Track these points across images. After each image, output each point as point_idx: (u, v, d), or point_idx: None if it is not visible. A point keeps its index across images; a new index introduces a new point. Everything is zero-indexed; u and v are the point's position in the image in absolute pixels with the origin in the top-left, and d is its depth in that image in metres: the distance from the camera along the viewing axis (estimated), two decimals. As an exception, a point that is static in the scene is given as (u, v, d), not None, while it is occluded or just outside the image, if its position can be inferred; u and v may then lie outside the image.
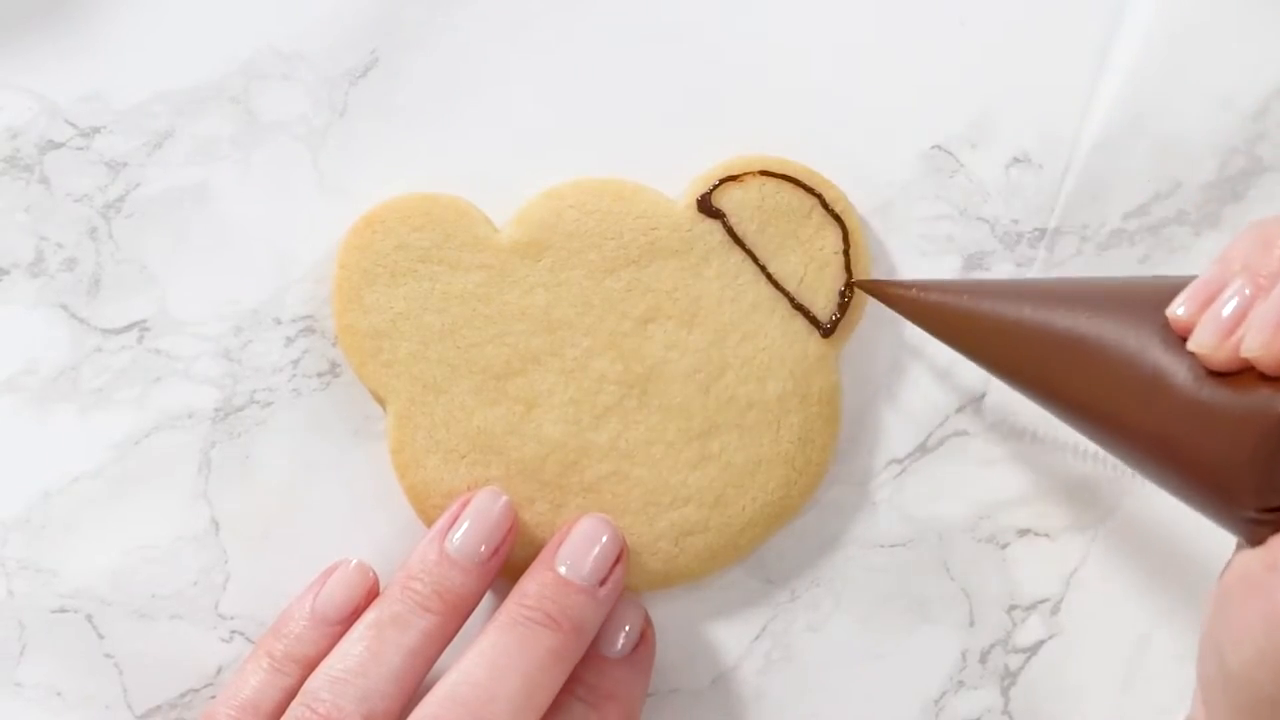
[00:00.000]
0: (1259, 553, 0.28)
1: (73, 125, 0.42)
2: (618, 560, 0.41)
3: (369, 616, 0.39)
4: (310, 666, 0.39)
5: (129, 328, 0.42)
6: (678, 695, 0.43)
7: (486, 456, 0.42)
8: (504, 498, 0.41)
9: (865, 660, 0.43)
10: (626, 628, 0.41)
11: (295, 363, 0.42)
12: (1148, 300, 0.32)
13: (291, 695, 0.39)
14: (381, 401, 0.42)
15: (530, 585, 0.40)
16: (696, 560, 0.42)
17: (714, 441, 0.42)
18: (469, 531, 0.40)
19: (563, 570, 0.40)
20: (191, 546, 0.42)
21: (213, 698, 0.42)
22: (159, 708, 0.42)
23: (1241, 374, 0.29)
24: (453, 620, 0.40)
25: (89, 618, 0.42)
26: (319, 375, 0.42)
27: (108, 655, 0.42)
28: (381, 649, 0.39)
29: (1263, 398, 0.28)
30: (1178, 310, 0.30)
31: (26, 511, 0.42)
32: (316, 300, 0.42)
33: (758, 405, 0.42)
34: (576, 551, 0.40)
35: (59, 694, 0.42)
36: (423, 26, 0.43)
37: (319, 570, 0.42)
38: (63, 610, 0.42)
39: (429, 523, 0.42)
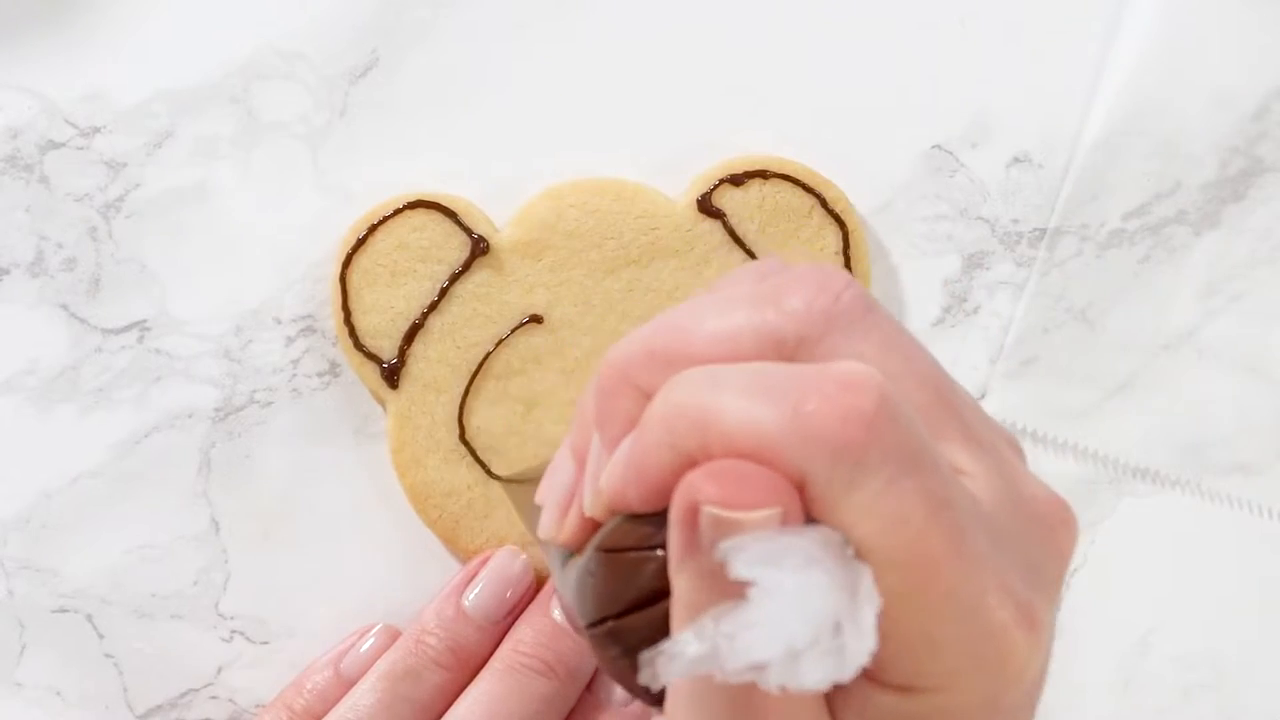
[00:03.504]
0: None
1: (73, 125, 0.42)
2: None
3: (381, 667, 0.40)
4: None
5: (129, 328, 0.42)
6: (678, 695, 0.43)
7: (486, 456, 0.42)
8: (523, 556, 0.41)
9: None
10: None
11: (295, 362, 0.42)
12: None
13: None
14: (381, 401, 0.42)
15: (526, 632, 0.40)
16: (696, 560, 0.42)
17: (714, 441, 0.42)
18: (487, 591, 0.40)
19: (558, 616, 0.40)
20: (191, 546, 0.42)
21: (213, 698, 0.42)
22: (159, 707, 0.42)
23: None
24: (463, 676, 0.40)
25: (89, 617, 0.42)
26: (319, 375, 0.42)
27: (108, 655, 0.42)
28: (393, 701, 0.39)
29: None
30: (538, 501, 0.30)
31: (26, 511, 0.42)
32: (316, 300, 0.42)
33: (758, 405, 0.42)
34: None
35: (59, 694, 0.42)
36: (423, 26, 0.43)
37: (319, 571, 0.42)
38: (63, 610, 0.42)
39: (429, 522, 0.42)
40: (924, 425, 0.25)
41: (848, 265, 0.42)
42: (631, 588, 0.26)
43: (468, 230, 0.42)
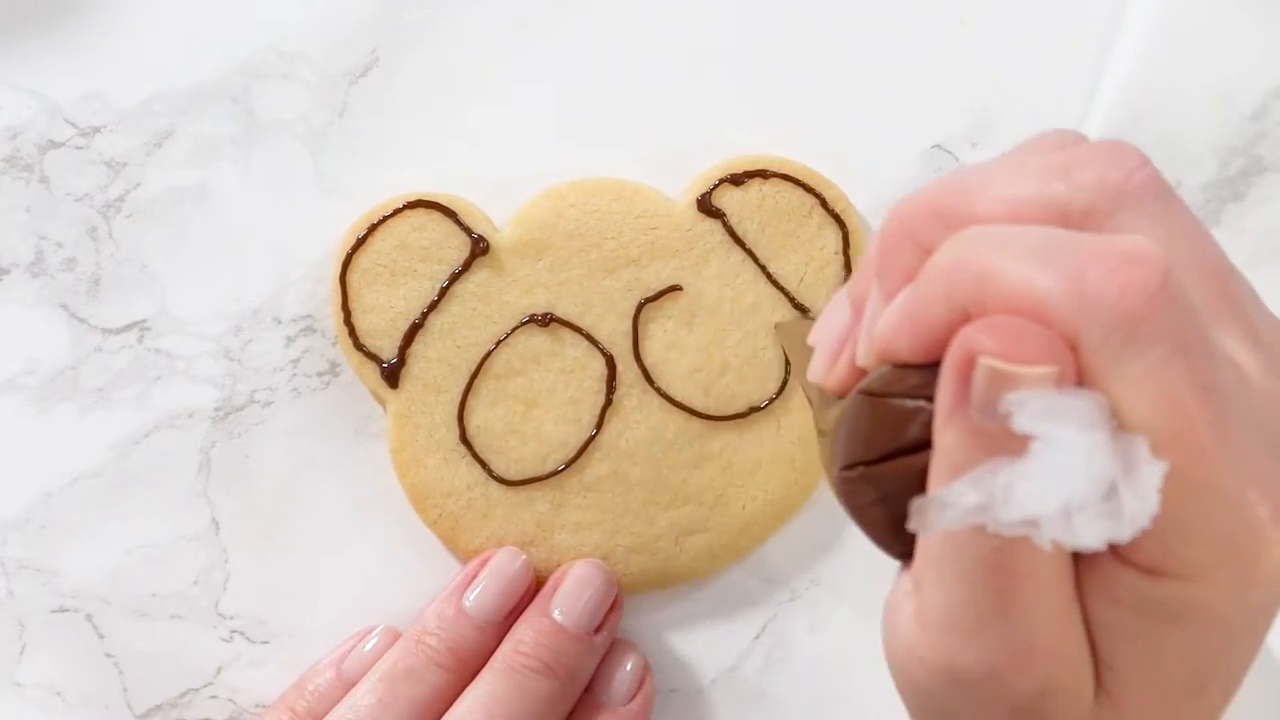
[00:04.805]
0: (904, 574, 0.28)
1: (73, 125, 0.42)
2: (612, 607, 0.41)
3: (381, 667, 0.40)
4: None
5: (129, 327, 0.42)
6: (678, 695, 0.43)
7: (486, 456, 0.42)
8: (523, 557, 0.41)
9: (865, 660, 0.43)
10: (628, 665, 0.41)
11: (295, 362, 0.42)
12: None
13: None
14: (381, 401, 0.42)
15: (526, 632, 0.40)
16: (696, 560, 0.42)
17: (714, 441, 0.42)
18: (487, 591, 0.40)
19: (558, 616, 0.40)
20: (191, 546, 0.42)
21: (213, 697, 0.42)
22: (159, 707, 0.42)
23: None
24: (463, 676, 0.40)
25: (89, 617, 0.42)
26: (319, 375, 0.42)
27: (108, 655, 0.42)
28: (393, 701, 0.39)
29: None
30: (810, 341, 0.30)
31: (26, 511, 0.42)
32: (316, 300, 0.42)
33: (758, 404, 0.42)
34: (571, 598, 0.40)
35: (59, 694, 0.42)
36: (423, 26, 0.43)
37: (318, 571, 0.42)
38: (63, 610, 0.42)
39: (429, 522, 0.42)
40: (1204, 313, 0.25)
41: (848, 266, 0.42)
42: (891, 434, 0.26)
43: (468, 230, 0.42)
